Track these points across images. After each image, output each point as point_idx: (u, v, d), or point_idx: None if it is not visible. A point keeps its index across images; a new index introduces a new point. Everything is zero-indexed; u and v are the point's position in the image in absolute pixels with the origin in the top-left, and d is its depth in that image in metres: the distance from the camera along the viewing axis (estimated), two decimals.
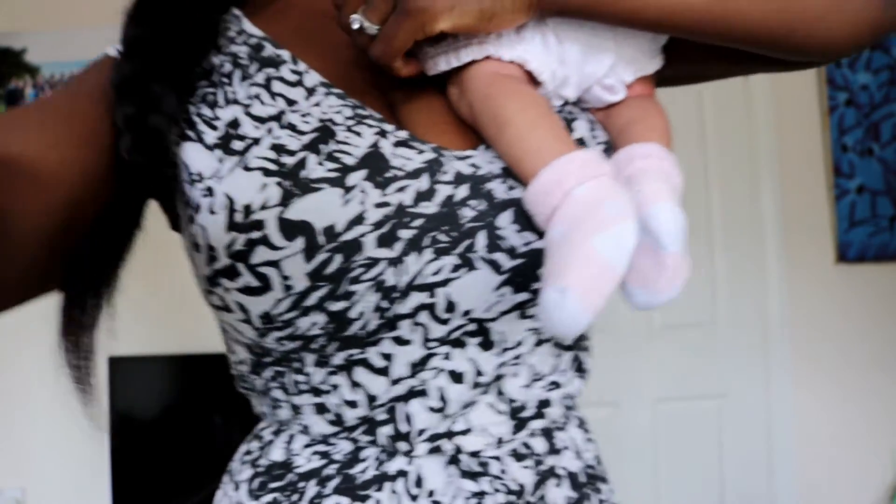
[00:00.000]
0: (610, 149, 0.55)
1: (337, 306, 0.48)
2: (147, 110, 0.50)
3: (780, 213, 2.43)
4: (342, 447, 0.53)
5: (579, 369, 0.58)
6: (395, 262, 0.48)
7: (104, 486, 2.29)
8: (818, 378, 2.44)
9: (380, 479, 0.51)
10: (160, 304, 2.38)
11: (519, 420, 0.53)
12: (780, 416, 2.45)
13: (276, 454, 0.55)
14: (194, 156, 0.50)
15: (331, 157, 0.48)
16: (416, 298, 0.48)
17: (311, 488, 0.52)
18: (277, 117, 0.50)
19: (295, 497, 0.53)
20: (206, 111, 0.51)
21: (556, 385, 0.55)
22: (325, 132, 0.49)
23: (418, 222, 0.48)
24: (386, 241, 0.47)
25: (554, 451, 0.55)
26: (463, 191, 0.49)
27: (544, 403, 0.54)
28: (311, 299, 0.47)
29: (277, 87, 0.52)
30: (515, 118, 0.48)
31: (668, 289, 0.50)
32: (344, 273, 0.47)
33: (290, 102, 0.51)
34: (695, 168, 2.43)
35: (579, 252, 0.43)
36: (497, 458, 0.52)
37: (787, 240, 2.43)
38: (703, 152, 2.44)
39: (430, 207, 0.49)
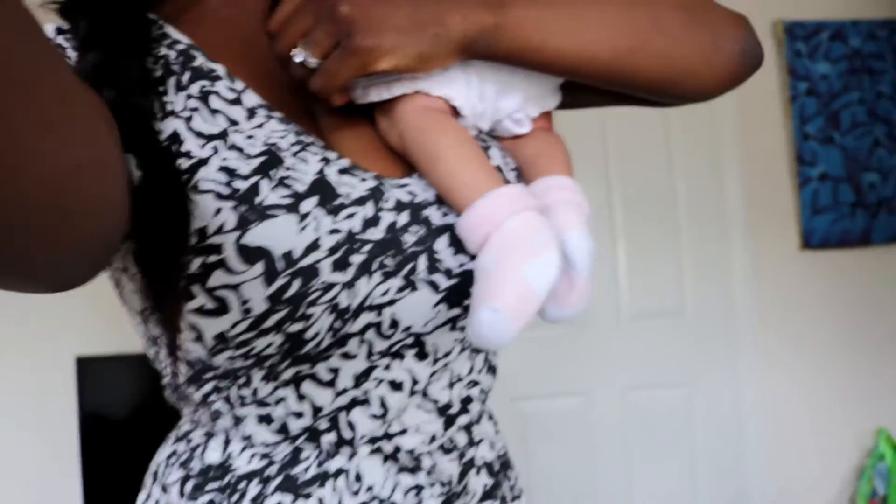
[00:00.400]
0: (520, 176, 0.60)
1: (294, 328, 0.50)
2: (127, 93, 0.49)
3: (745, 201, 2.46)
4: (282, 450, 0.55)
5: (490, 368, 0.63)
6: (348, 285, 0.50)
7: (75, 486, 2.27)
8: (786, 364, 2.48)
9: (321, 478, 0.55)
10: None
11: (447, 417, 0.58)
12: (749, 403, 2.48)
13: (212, 457, 0.57)
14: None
15: (282, 184, 0.49)
16: (366, 318, 0.52)
17: (253, 488, 0.54)
18: (222, 136, 0.50)
19: (235, 497, 0.54)
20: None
21: (474, 383, 0.60)
22: (272, 157, 0.50)
23: (367, 248, 0.51)
24: (340, 265, 0.50)
25: (472, 443, 0.61)
26: (404, 217, 0.53)
27: (467, 400, 0.59)
28: (270, 321, 0.49)
29: (216, 103, 0.52)
30: (447, 153, 0.53)
31: (577, 304, 0.56)
32: (303, 297, 0.49)
33: (232, 122, 0.51)
34: (659, 158, 2.45)
35: (510, 277, 0.48)
36: (429, 454, 0.57)
37: (752, 228, 2.46)
38: (667, 143, 2.46)
39: (376, 234, 0.51)
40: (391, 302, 0.52)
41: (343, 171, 0.52)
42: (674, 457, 2.49)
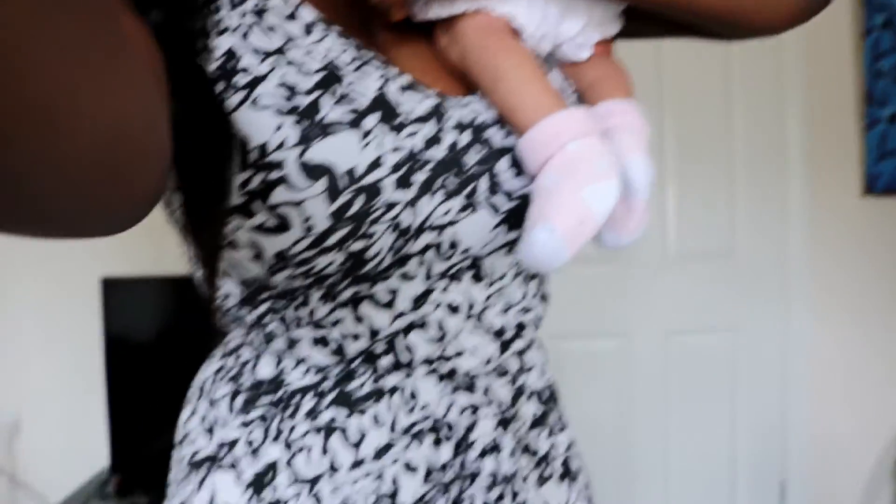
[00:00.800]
0: (580, 101, 0.60)
1: (356, 246, 0.49)
2: (176, 15, 0.46)
3: (806, 141, 2.31)
4: (337, 370, 0.55)
5: (542, 296, 0.63)
6: (410, 204, 0.49)
7: (100, 408, 2.25)
8: (837, 315, 2.36)
9: (376, 394, 0.55)
10: (156, 223, 2.30)
11: (502, 342, 0.58)
12: (796, 353, 2.38)
13: (264, 371, 0.57)
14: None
15: (343, 100, 0.48)
16: (426, 238, 0.51)
17: (307, 402, 0.55)
18: (280, 51, 0.48)
19: (289, 411, 0.55)
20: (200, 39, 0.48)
21: (527, 310, 0.60)
22: (332, 73, 0.49)
23: (429, 167, 0.50)
24: (402, 184, 0.49)
25: (523, 370, 0.61)
26: (465, 137, 0.53)
27: (520, 326, 0.59)
28: (332, 239, 0.48)
29: (271, 18, 0.49)
30: (510, 73, 0.52)
31: (634, 231, 0.56)
32: (365, 215, 0.48)
33: (290, 38, 0.49)
34: (717, 93, 2.32)
35: (569, 199, 0.48)
36: (485, 375, 0.58)
37: (812, 170, 2.32)
38: (726, 76, 2.32)
39: (438, 153, 0.51)
40: (452, 223, 0.52)
41: (405, 88, 0.52)
42: (714, 404, 2.41)
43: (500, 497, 0.57)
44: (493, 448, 0.57)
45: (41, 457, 2.33)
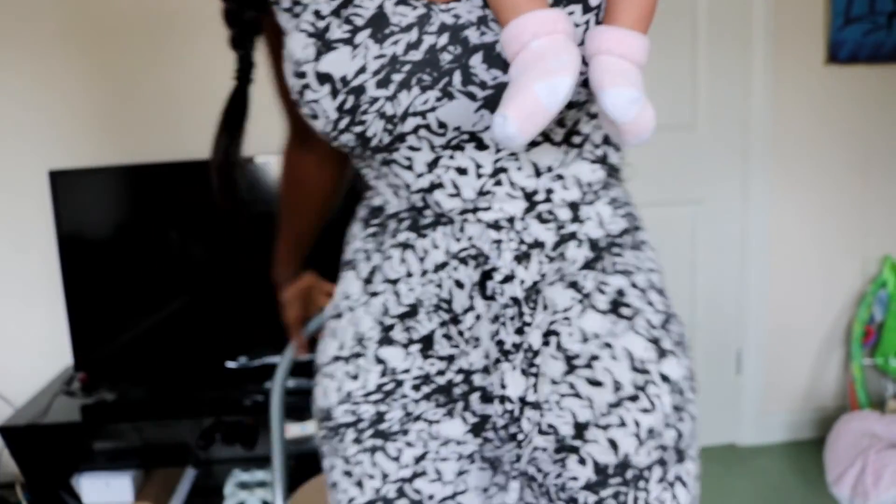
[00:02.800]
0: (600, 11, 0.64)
1: (357, 129, 0.67)
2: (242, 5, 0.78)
3: (771, 7, 2.25)
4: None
5: (596, 160, 0.71)
6: (390, 98, 0.65)
7: (59, 307, 2.21)
8: (798, 185, 2.38)
9: (435, 224, 0.71)
10: (106, 110, 2.20)
11: (531, 202, 0.69)
12: (756, 223, 2.41)
13: (375, 202, 0.78)
14: (280, 14, 0.72)
15: (347, 20, 0.66)
16: (413, 121, 0.66)
17: (392, 224, 0.74)
18: None
19: (384, 231, 0.75)
20: None
21: (561, 177, 0.70)
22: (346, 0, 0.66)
23: (407, 67, 0.64)
24: (382, 84, 0.65)
25: (577, 220, 0.71)
26: (444, 39, 0.64)
27: (550, 191, 0.69)
28: (341, 125, 0.67)
29: None
30: None
31: (635, 140, 0.60)
32: (356, 108, 0.66)
33: None
34: None
35: (522, 91, 0.56)
36: (518, 221, 0.69)
37: (775, 37, 2.27)
38: None
39: (416, 55, 0.64)
40: (433, 108, 0.65)
41: (399, 3, 0.65)
42: (674, 275, 2.43)
43: (516, 316, 0.71)
44: (511, 277, 0.69)
45: (2, 358, 2.30)
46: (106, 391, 2.12)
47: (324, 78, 0.66)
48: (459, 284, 0.70)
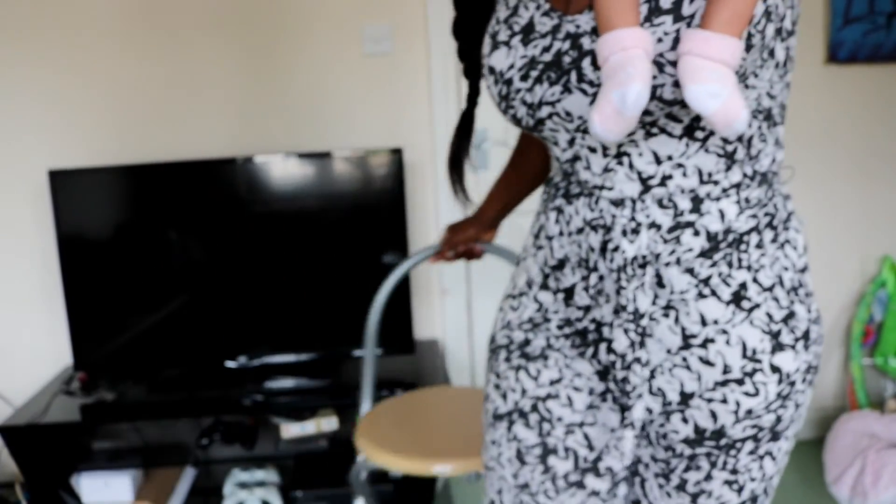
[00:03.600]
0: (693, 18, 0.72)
1: (511, 112, 0.84)
2: (468, 46, 1.00)
3: None
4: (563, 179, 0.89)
5: (720, 154, 0.78)
6: (528, 90, 0.81)
7: (58, 307, 2.21)
8: (795, 184, 2.36)
9: (577, 195, 0.84)
10: (106, 110, 2.20)
11: (646, 186, 0.79)
12: None
13: (551, 172, 0.92)
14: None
15: (510, 26, 0.84)
16: (546, 109, 0.81)
17: (552, 191, 0.89)
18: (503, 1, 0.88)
19: (549, 196, 0.90)
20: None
21: (681, 166, 0.78)
22: (515, 8, 0.85)
23: (540, 66, 0.80)
24: (524, 78, 0.81)
25: (697, 211, 0.78)
26: (567, 44, 0.78)
27: (668, 177, 0.78)
28: (501, 108, 0.85)
29: None
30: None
31: (725, 130, 0.68)
32: (507, 95, 0.83)
33: None
34: None
35: (604, 98, 0.70)
36: (641, 200, 0.79)
37: None
38: None
39: (547, 57, 0.80)
40: (559, 100, 0.79)
41: (544, 14, 0.82)
42: None
43: (624, 278, 0.81)
44: (618, 248, 0.80)
45: (2, 358, 2.29)
46: (105, 391, 2.12)
47: (491, 70, 0.85)
48: (591, 248, 0.83)
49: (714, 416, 0.82)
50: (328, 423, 2.16)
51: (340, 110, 2.21)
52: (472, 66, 1.02)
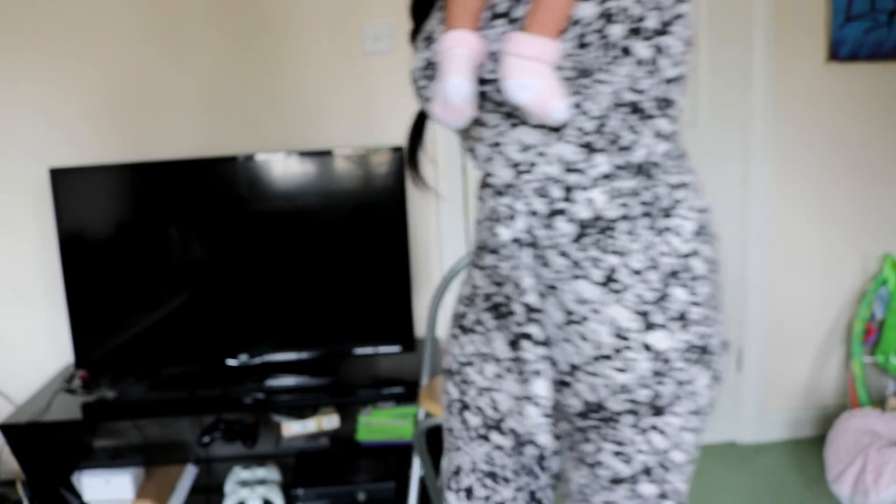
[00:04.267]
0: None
1: (425, 107, 0.95)
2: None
3: (771, 5, 2.24)
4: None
5: (581, 145, 0.84)
6: (425, 88, 0.92)
7: (59, 305, 2.22)
8: (798, 183, 2.37)
9: (487, 185, 0.92)
10: (106, 108, 2.20)
11: (518, 172, 0.87)
12: (756, 221, 2.41)
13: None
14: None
15: (426, 33, 0.93)
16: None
17: (481, 192, 0.95)
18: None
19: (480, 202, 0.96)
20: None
21: (543, 154, 0.85)
22: (432, 19, 0.94)
23: (432, 69, 0.89)
24: (425, 78, 0.91)
25: (568, 200, 0.85)
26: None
27: (533, 164, 0.86)
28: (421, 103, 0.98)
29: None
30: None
31: (538, 119, 0.81)
32: (418, 93, 0.94)
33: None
34: None
35: (437, 89, 0.84)
36: (519, 189, 0.87)
37: (776, 34, 2.26)
38: None
39: (437, 59, 0.88)
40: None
41: (440, 22, 0.90)
42: None
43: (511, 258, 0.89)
44: (496, 234, 0.90)
45: (3, 356, 2.30)
46: (106, 389, 2.12)
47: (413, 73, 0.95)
48: (493, 233, 0.91)
49: (593, 389, 0.89)
50: (329, 421, 2.17)
51: (341, 108, 2.21)
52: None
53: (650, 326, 0.86)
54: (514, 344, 0.94)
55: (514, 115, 0.84)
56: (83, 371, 2.17)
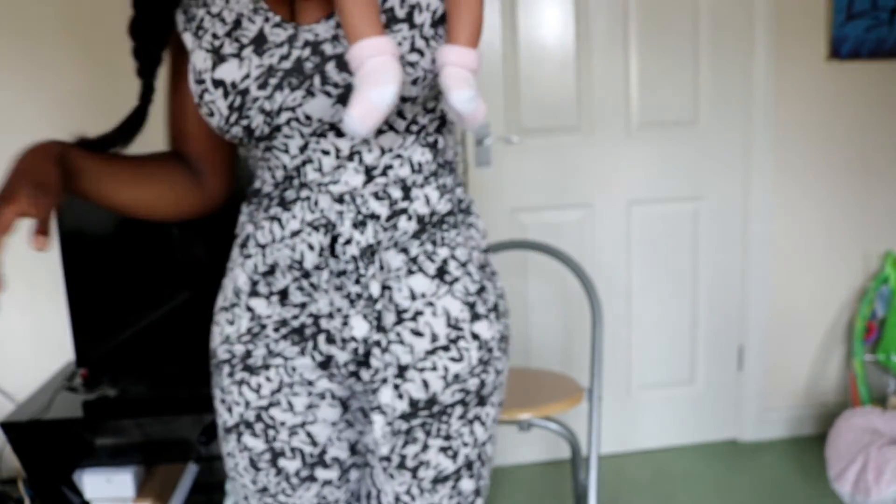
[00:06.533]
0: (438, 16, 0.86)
1: (244, 123, 0.87)
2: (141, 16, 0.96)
3: (772, 3, 2.24)
4: (280, 186, 0.93)
5: (427, 145, 0.91)
6: (268, 97, 0.85)
7: (60, 303, 2.22)
8: (799, 182, 2.37)
9: (296, 200, 0.90)
10: (107, 107, 2.20)
11: (369, 177, 0.88)
12: (758, 219, 2.41)
13: (257, 184, 0.96)
14: (185, 36, 0.92)
15: (236, 39, 0.87)
16: (286, 115, 0.86)
17: (265, 202, 0.93)
18: (217, 15, 0.90)
19: (261, 208, 0.93)
20: (196, 12, 0.92)
21: (400, 157, 0.89)
22: (237, 23, 0.88)
23: (280, 74, 0.85)
24: (262, 86, 0.85)
25: (408, 198, 0.89)
26: (307, 52, 0.85)
27: (388, 167, 0.88)
28: (231, 119, 0.87)
29: None
30: (347, 5, 0.80)
31: (474, 125, 0.83)
32: (242, 106, 0.86)
33: (225, 2, 0.90)
34: None
35: (361, 97, 0.78)
36: (361, 196, 0.88)
37: (777, 33, 2.26)
38: None
39: (287, 64, 0.85)
40: (300, 104, 0.85)
41: (275, 25, 0.88)
42: (676, 272, 2.44)
43: (355, 270, 0.89)
44: (350, 241, 0.88)
45: (4, 354, 2.30)
46: (108, 387, 2.12)
47: (218, 83, 0.86)
48: (311, 247, 0.89)
49: (426, 384, 0.90)
50: None
51: None
52: (149, 66, 0.97)
53: (476, 317, 0.91)
54: (325, 364, 0.92)
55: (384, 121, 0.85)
56: (84, 369, 2.17)
